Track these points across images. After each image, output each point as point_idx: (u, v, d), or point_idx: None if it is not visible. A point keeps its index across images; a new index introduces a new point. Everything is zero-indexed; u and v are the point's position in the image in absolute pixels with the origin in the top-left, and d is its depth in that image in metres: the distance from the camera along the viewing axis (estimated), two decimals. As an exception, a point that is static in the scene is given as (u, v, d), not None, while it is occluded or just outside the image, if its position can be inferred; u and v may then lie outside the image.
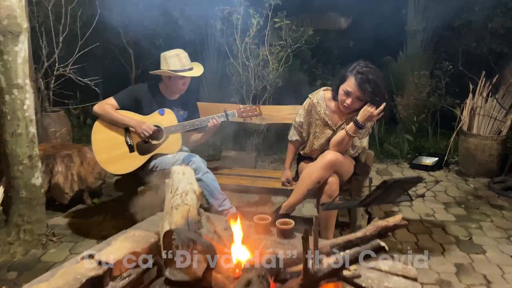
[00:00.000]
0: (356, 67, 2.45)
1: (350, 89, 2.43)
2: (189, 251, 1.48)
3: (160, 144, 2.75)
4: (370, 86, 2.38)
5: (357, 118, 2.42)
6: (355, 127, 2.42)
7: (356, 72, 2.42)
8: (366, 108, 2.40)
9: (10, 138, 2.56)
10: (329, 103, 2.64)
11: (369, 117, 2.41)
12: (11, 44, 2.42)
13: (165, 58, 2.76)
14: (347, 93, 2.44)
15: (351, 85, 2.42)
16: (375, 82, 2.40)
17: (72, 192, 3.35)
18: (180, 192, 1.80)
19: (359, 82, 2.39)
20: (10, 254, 2.66)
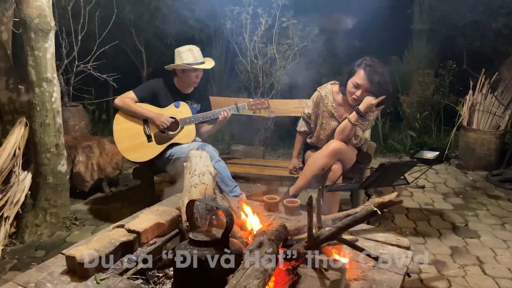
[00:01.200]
0: (364, 62, 2.64)
1: (359, 82, 2.61)
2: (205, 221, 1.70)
3: (176, 135, 2.96)
4: (378, 78, 2.57)
5: (359, 107, 2.61)
6: (357, 115, 2.61)
7: (365, 65, 2.61)
8: (368, 98, 2.59)
9: (39, 127, 2.79)
10: (336, 96, 2.83)
11: (370, 106, 2.59)
12: (41, 41, 2.64)
13: (179, 53, 2.98)
14: (357, 86, 2.62)
15: (360, 78, 2.60)
16: (382, 74, 2.59)
17: (92, 180, 3.57)
18: (198, 173, 2.01)
19: (368, 74, 2.57)
20: (37, 235, 2.88)
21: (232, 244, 1.45)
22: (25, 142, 2.85)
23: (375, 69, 2.59)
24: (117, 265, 1.58)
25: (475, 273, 2.43)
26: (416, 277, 2.39)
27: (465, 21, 5.37)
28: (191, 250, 1.41)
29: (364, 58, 2.67)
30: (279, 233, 1.55)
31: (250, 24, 4.73)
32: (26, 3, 2.57)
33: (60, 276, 1.52)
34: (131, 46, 5.82)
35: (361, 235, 1.81)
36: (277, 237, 1.52)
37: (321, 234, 1.42)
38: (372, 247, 1.71)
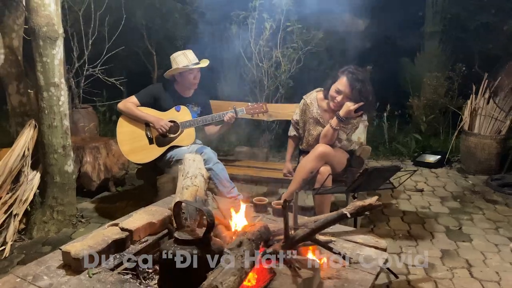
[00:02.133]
0: (347, 69, 2.77)
1: (341, 88, 2.72)
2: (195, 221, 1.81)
3: (176, 137, 3.08)
4: (359, 85, 2.69)
5: (339, 113, 2.73)
6: (337, 120, 2.72)
7: (348, 72, 2.74)
8: (347, 104, 2.71)
9: (47, 129, 2.94)
10: (321, 103, 2.93)
11: (348, 112, 2.71)
12: (49, 48, 2.79)
13: (174, 58, 3.11)
14: (338, 91, 2.74)
15: (342, 84, 2.72)
16: (363, 82, 2.71)
17: (98, 180, 3.73)
18: (190, 176, 2.13)
19: (350, 81, 2.70)
20: (44, 232, 3.03)
21: (214, 242, 1.56)
22: (34, 143, 3.01)
23: (357, 76, 2.71)
24: (109, 261, 1.70)
25: (463, 276, 2.49)
26: (403, 279, 2.46)
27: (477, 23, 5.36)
28: (175, 248, 1.52)
29: (349, 66, 2.80)
30: (260, 234, 1.65)
31: (255, 29, 4.85)
32: (35, 12, 2.72)
33: (57, 270, 1.64)
34: (142, 48, 5.99)
35: (342, 237, 1.89)
36: (258, 237, 1.62)
37: (297, 235, 1.52)
38: (350, 248, 1.79)
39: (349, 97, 2.71)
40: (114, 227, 1.86)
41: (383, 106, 5.47)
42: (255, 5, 4.64)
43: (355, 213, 1.88)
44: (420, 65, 5.77)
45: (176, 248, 1.51)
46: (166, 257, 1.51)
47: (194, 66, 3.06)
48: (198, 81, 3.16)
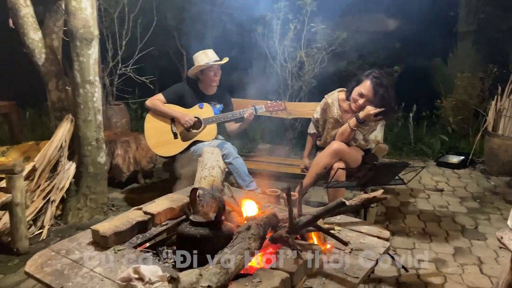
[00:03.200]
0: (372, 73, 2.81)
1: (364, 91, 2.78)
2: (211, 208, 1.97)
3: (199, 133, 3.27)
4: (382, 90, 2.73)
5: (359, 114, 2.79)
6: (356, 121, 2.79)
7: (372, 76, 2.78)
8: (368, 108, 2.76)
9: (82, 123, 3.19)
10: (342, 103, 3.02)
11: (368, 116, 2.76)
12: (85, 48, 3.04)
13: (195, 57, 3.31)
14: (361, 95, 2.80)
15: (366, 88, 2.78)
16: (386, 88, 2.75)
17: (128, 172, 3.98)
18: (208, 167, 2.29)
19: (373, 86, 2.75)
20: (78, 218, 3.29)
21: (225, 225, 1.72)
22: (70, 136, 3.27)
23: (381, 81, 2.75)
24: (132, 240, 1.89)
25: (473, 272, 2.54)
26: (413, 272, 2.54)
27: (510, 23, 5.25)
28: (189, 228, 1.68)
29: (373, 70, 2.85)
30: (268, 220, 1.79)
31: (280, 29, 4.98)
32: (73, 15, 2.98)
33: (86, 246, 1.85)
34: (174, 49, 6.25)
35: (348, 227, 2.00)
36: (266, 223, 1.76)
37: (300, 221, 1.65)
38: (354, 236, 1.90)
39: (371, 101, 2.76)
40: (138, 211, 2.05)
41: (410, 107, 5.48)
42: (280, 6, 4.77)
43: (361, 205, 2.01)
44: (452, 65, 5.71)
45: (190, 229, 1.68)
46: (181, 236, 1.68)
47: (214, 63, 3.23)
48: (218, 78, 3.33)
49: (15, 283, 2.45)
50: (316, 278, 1.59)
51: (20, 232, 2.73)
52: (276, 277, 1.49)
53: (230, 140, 3.60)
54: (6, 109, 4.37)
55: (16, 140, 4.29)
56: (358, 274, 1.61)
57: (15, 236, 2.72)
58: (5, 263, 2.66)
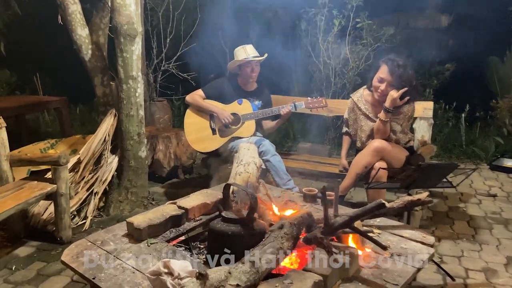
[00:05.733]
0: (387, 57, 2.77)
1: (383, 76, 2.72)
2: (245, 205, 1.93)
3: (237, 129, 3.24)
4: (400, 70, 2.66)
5: (384, 104, 2.70)
6: (385, 112, 2.68)
7: (387, 60, 2.73)
8: (390, 93, 2.68)
9: (125, 118, 3.26)
10: (368, 98, 2.95)
11: (393, 101, 2.67)
12: (129, 44, 3.10)
13: (235, 52, 3.30)
14: (381, 80, 2.74)
15: (383, 72, 2.72)
16: (404, 67, 2.69)
17: (169, 167, 4.03)
18: (244, 163, 2.26)
19: (390, 68, 2.68)
20: (120, 210, 3.37)
21: (257, 223, 1.67)
22: (113, 130, 3.36)
23: (397, 63, 2.70)
24: (165, 234, 1.88)
25: (527, 285, 2.33)
26: (460, 282, 2.37)
27: None
28: (221, 225, 1.65)
29: (389, 55, 2.79)
30: (302, 219, 1.72)
31: (324, 25, 4.87)
32: (118, 11, 3.04)
33: (121, 237, 1.87)
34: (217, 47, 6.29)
35: (389, 230, 1.89)
36: (300, 222, 1.69)
37: (336, 222, 1.57)
38: (395, 241, 1.79)
39: (392, 84, 2.70)
40: (173, 205, 2.05)
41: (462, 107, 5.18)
42: (325, 1, 4.65)
43: (403, 208, 1.89)
44: (510, 64, 5.34)
45: (222, 225, 1.65)
46: (212, 232, 1.65)
47: (251, 59, 3.20)
48: (256, 74, 3.29)
49: (57, 271, 2.54)
50: (352, 283, 1.50)
51: (64, 222, 2.83)
52: (309, 280, 1.42)
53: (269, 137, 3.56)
54: (57, 104, 4.58)
55: (66, 134, 4.48)
56: (398, 281, 1.51)
57: (59, 226, 2.82)
58: (49, 252, 2.77)
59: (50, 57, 6.25)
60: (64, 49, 5.38)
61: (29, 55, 6.31)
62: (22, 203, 2.52)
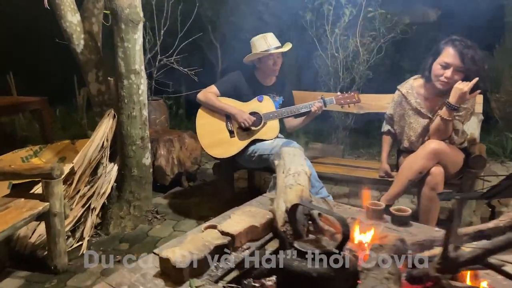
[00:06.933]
0: (450, 38, 2.35)
1: (448, 60, 2.32)
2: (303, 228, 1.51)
3: (258, 130, 2.81)
4: (471, 52, 2.27)
5: (449, 100, 2.29)
6: (448, 110, 2.29)
7: (453, 41, 2.33)
8: (456, 86, 2.25)
9: (126, 119, 2.78)
10: (420, 90, 2.55)
11: (461, 96, 2.24)
12: (131, 32, 2.62)
13: (253, 42, 2.86)
14: (445, 66, 2.33)
15: (449, 55, 2.32)
16: (474, 49, 2.29)
17: (172, 174, 3.56)
18: (292, 173, 1.83)
19: (459, 49, 2.28)
20: (121, 227, 2.89)
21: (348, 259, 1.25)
22: (112, 134, 2.87)
23: (466, 43, 2.30)
24: (211, 271, 1.44)
25: None
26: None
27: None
28: (300, 262, 1.22)
29: (450, 36, 2.37)
30: (397, 249, 1.32)
31: (332, 16, 4.49)
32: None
33: (153, 278, 1.41)
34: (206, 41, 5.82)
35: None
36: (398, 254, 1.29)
37: (461, 256, 1.16)
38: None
39: (461, 69, 2.29)
40: (213, 230, 1.60)
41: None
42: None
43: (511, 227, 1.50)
44: (500, 58, 5.17)
45: (301, 263, 1.22)
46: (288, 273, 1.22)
47: (274, 51, 2.78)
48: (278, 67, 2.88)
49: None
50: None
51: (58, 247, 2.33)
52: None
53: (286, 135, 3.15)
54: (37, 105, 4.01)
55: (48, 139, 3.92)
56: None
57: (52, 252, 2.32)
58: (41, 284, 2.26)
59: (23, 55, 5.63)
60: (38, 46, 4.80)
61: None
62: (8, 229, 2.02)
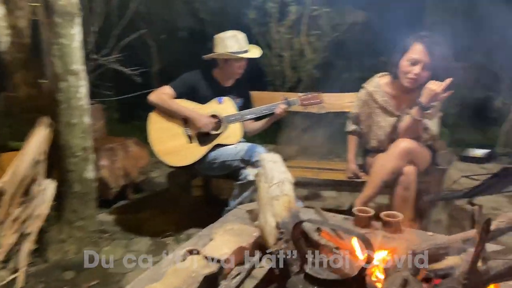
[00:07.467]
0: (419, 34, 2.31)
1: (416, 56, 2.27)
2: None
3: (219, 135, 2.59)
4: (439, 49, 2.23)
5: (420, 100, 2.24)
6: (420, 110, 2.24)
7: (421, 37, 2.28)
8: (428, 86, 2.20)
9: (64, 128, 2.40)
10: (387, 88, 2.50)
11: (434, 96, 2.18)
12: (68, 26, 2.26)
13: (222, 40, 2.61)
14: (414, 62, 2.28)
15: (417, 51, 2.26)
16: (442, 46, 2.26)
17: (117, 187, 3.20)
18: (276, 182, 1.64)
19: (427, 45, 2.24)
20: (62, 253, 2.50)
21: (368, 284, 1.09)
22: (48, 145, 2.46)
23: (435, 39, 2.26)
24: (202, 309, 1.21)
25: None
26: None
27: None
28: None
29: (418, 32, 2.33)
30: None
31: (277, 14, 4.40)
32: (50, -18, 2.19)
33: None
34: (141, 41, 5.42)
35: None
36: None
37: (491, 269, 1.06)
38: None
39: (429, 65, 2.24)
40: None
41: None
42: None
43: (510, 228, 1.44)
44: None
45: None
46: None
47: (246, 55, 2.58)
48: (242, 71, 2.69)
49: None
50: None
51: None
52: None
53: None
54: None
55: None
56: None
57: (-19, 292, 1.91)
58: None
59: None
60: None
61: None
62: None
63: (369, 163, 2.57)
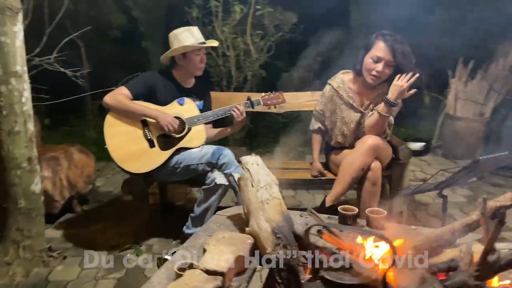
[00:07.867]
0: (381, 33, 2.39)
1: (379, 54, 2.34)
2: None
3: (182, 137, 2.46)
4: (401, 46, 2.32)
5: (388, 97, 2.31)
6: (386, 106, 2.32)
7: (384, 35, 2.37)
8: (395, 83, 2.29)
9: (6, 137, 2.13)
10: (351, 84, 2.56)
11: (401, 92, 2.27)
12: (9, 23, 1.99)
13: (176, 35, 2.50)
14: (377, 60, 2.36)
15: (380, 49, 2.34)
16: (404, 43, 2.35)
17: (63, 199, 2.92)
18: (263, 185, 1.59)
19: (390, 44, 2.32)
20: (9, 276, 2.23)
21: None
22: (-14, 157, 2.16)
23: (396, 38, 2.36)
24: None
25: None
26: None
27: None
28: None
29: (381, 31, 2.42)
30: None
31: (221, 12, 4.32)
32: (-14, -29, 1.92)
33: None
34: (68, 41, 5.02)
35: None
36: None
37: (502, 259, 1.10)
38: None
39: (392, 63, 2.33)
40: (195, 271, 1.26)
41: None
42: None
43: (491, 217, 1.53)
44: None
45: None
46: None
47: (203, 45, 2.48)
48: (204, 66, 2.58)
49: None
50: None
51: None
52: None
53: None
54: None
55: None
56: None
57: None
58: None
59: None
60: None
61: None
62: None
63: (332, 160, 2.61)
